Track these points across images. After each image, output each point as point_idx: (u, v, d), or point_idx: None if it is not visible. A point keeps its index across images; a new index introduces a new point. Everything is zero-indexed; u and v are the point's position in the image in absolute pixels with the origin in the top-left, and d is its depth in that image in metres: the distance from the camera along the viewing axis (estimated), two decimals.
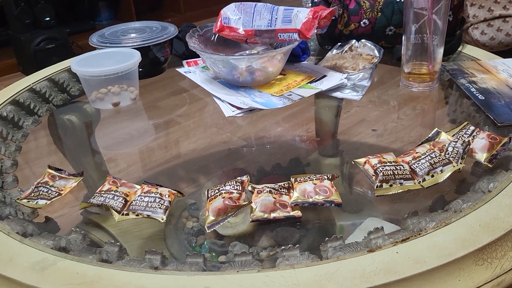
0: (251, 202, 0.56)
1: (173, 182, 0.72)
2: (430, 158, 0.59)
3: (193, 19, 3.07)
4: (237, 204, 0.55)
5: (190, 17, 3.17)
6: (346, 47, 0.98)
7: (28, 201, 0.61)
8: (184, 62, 1.04)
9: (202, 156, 0.78)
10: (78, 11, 3.06)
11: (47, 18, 2.44)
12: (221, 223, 0.54)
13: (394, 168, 0.58)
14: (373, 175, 0.58)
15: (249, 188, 0.59)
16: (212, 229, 0.54)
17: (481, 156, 0.61)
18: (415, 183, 0.58)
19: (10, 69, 2.56)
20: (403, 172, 0.58)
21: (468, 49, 1.00)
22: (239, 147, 0.79)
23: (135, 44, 0.94)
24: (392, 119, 0.82)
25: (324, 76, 0.90)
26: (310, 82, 0.88)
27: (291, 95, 0.84)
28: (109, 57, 0.90)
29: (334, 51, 0.99)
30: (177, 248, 0.63)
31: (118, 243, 0.52)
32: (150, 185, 0.61)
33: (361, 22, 0.97)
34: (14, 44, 2.52)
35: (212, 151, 0.78)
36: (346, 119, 0.83)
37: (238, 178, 0.60)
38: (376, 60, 0.91)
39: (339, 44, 1.00)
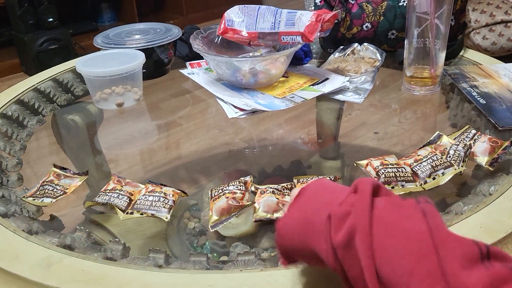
0: (254, 202, 0.56)
1: (175, 183, 0.72)
2: (431, 160, 0.60)
3: (195, 21, 3.08)
4: (241, 204, 0.56)
5: (192, 19, 3.17)
6: (349, 50, 0.98)
7: (34, 199, 0.61)
8: (188, 63, 1.04)
9: (204, 157, 0.78)
10: (81, 12, 3.06)
11: (50, 19, 2.45)
12: (224, 223, 0.55)
13: (396, 170, 0.59)
14: (375, 177, 0.59)
15: (252, 188, 0.59)
16: (215, 229, 0.54)
17: (482, 160, 0.62)
18: (416, 186, 0.58)
19: (13, 69, 2.56)
20: (404, 174, 0.59)
21: (470, 54, 1.00)
22: (241, 148, 0.79)
23: (139, 45, 0.95)
24: (394, 122, 0.83)
25: (327, 79, 0.90)
26: (313, 85, 0.88)
27: (293, 97, 0.84)
28: (114, 58, 0.91)
29: (337, 54, 0.99)
30: (179, 248, 0.63)
31: (122, 242, 0.52)
32: (154, 185, 0.61)
33: (364, 26, 0.98)
34: (17, 44, 2.52)
35: (214, 153, 0.79)
36: (348, 122, 0.84)
37: (242, 178, 0.60)
38: (378, 63, 0.92)
39: (341, 47, 1.00)
